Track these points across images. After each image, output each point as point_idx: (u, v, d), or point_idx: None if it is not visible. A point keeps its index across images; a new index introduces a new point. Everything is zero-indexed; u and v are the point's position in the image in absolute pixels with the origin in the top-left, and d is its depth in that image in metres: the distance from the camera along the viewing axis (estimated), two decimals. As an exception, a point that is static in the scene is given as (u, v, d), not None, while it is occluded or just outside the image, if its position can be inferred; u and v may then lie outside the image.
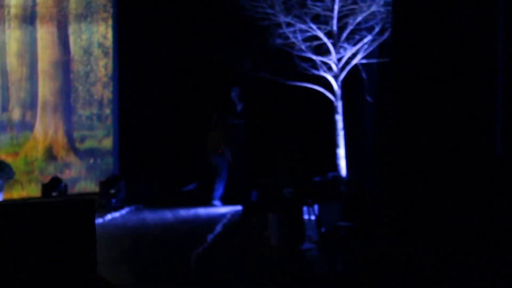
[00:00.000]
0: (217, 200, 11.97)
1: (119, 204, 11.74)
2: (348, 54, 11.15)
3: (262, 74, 11.39)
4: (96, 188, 12.54)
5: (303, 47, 11.19)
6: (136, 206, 11.89)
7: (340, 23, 11.05)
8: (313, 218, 9.39)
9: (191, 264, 7.61)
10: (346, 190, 10.46)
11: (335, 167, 11.29)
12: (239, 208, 11.30)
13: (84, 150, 12.99)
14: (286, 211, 8.54)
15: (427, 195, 8.45)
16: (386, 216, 8.85)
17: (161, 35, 13.59)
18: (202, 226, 10.06)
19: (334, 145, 11.33)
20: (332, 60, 11.21)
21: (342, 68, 11.26)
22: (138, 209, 11.76)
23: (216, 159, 12.08)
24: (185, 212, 11.41)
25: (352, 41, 11.14)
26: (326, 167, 11.46)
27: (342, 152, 11.30)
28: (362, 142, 11.85)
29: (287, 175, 11.52)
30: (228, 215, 10.96)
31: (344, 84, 11.31)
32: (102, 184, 12.10)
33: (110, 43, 13.22)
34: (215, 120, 12.23)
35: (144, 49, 13.47)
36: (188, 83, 13.67)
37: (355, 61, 11.23)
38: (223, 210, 11.51)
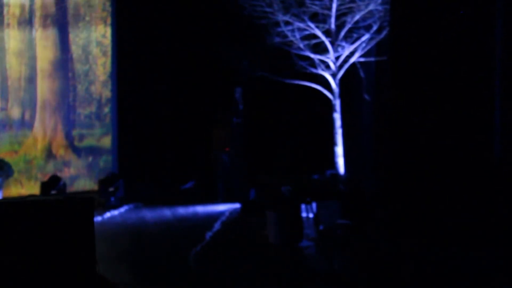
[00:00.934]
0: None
1: (118, 202, 11.77)
2: (346, 52, 11.17)
3: (261, 73, 11.40)
4: (95, 186, 12.55)
5: (301, 45, 11.21)
6: (135, 204, 11.91)
7: (338, 21, 11.06)
8: (311, 216, 9.40)
9: (190, 261, 7.63)
10: (344, 188, 10.49)
11: (333, 165, 11.32)
12: (238, 206, 11.32)
13: (83, 148, 13.00)
14: (284, 209, 8.55)
15: (424, 193, 8.45)
16: (384, 214, 8.87)
17: (159, 34, 13.59)
18: (200, 224, 10.08)
19: (332, 143, 11.35)
20: (330, 59, 11.23)
21: (340, 67, 11.27)
22: (137, 207, 11.79)
23: (223, 157, 12.12)
24: (183, 210, 11.43)
25: (350, 39, 11.16)
26: (324, 165, 11.49)
27: (340, 150, 11.32)
28: (360, 140, 11.86)
29: (286, 173, 11.55)
30: (227, 213, 10.98)
31: (342, 83, 11.33)
32: (101, 182, 12.14)
33: (109, 42, 13.22)
34: (219, 119, 12.26)
35: (142, 48, 13.47)
36: (186, 81, 13.67)
37: (353, 59, 11.24)
38: (222, 208, 11.54)
